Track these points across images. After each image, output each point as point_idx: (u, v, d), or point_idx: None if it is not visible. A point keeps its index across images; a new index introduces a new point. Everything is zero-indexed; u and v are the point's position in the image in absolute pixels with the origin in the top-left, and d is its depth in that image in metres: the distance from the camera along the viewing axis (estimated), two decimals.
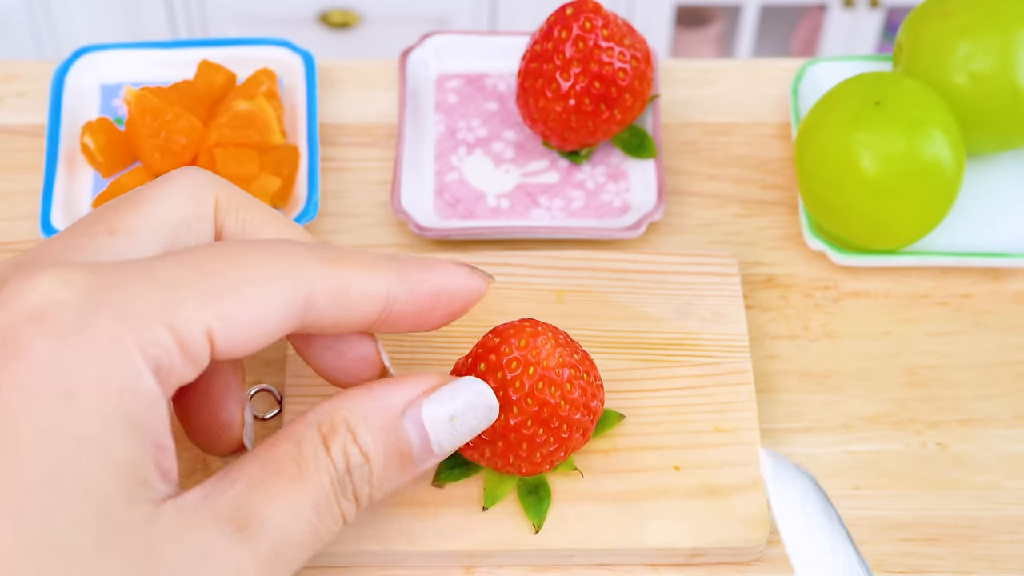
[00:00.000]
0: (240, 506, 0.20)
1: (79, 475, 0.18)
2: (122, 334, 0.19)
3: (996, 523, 0.28)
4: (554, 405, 0.24)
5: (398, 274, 0.22)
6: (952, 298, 0.32)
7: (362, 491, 0.22)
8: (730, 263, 0.30)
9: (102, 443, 0.19)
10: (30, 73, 0.35)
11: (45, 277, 0.19)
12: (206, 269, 0.20)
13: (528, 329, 0.25)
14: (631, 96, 0.31)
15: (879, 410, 0.30)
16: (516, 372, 0.24)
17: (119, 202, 0.22)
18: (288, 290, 0.21)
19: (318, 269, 0.21)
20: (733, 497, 0.27)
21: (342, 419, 0.21)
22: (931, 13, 0.32)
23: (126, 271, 0.20)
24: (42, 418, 0.18)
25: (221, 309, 0.20)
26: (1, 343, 0.18)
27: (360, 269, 0.22)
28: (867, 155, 0.29)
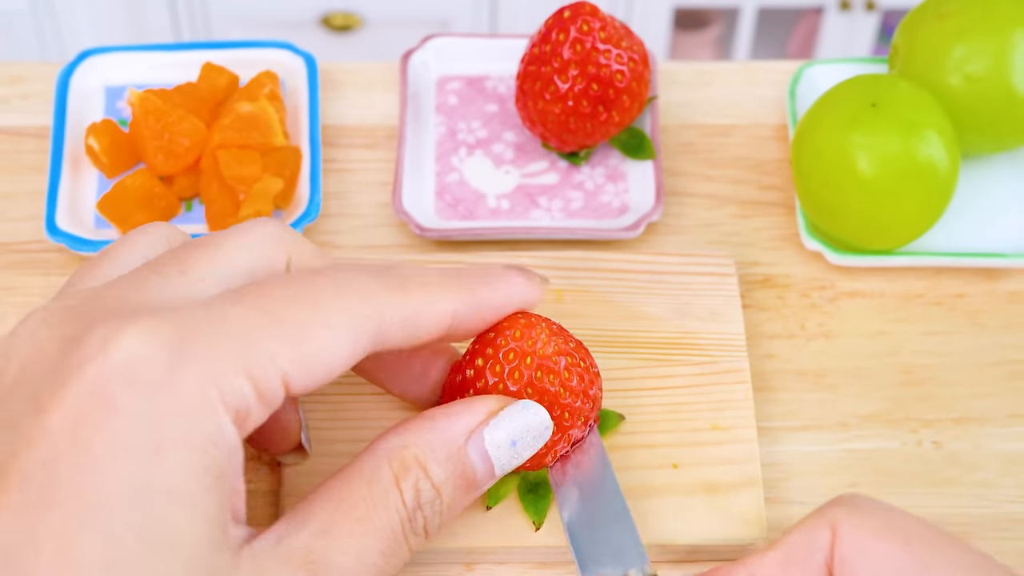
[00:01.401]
0: (311, 551, 0.20)
1: (169, 530, 0.19)
2: (206, 387, 0.19)
3: (991, 520, 0.28)
4: (554, 393, 0.24)
5: (463, 296, 0.23)
6: (947, 298, 0.32)
7: (433, 524, 0.22)
8: (727, 263, 0.31)
9: (191, 497, 0.19)
10: (35, 75, 0.35)
11: (129, 331, 0.19)
12: (280, 314, 0.20)
13: (522, 320, 0.25)
14: (629, 98, 0.32)
15: (875, 409, 0.30)
16: (513, 363, 0.24)
17: (194, 245, 0.22)
18: (359, 328, 0.21)
19: (387, 299, 0.21)
20: (731, 494, 0.27)
21: (412, 456, 0.22)
22: (927, 16, 0.32)
23: (203, 320, 0.20)
24: (133, 474, 0.18)
25: (296, 355, 0.20)
26: (91, 399, 0.19)
27: (427, 295, 0.22)
28: (863, 156, 0.30)
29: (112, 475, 0.18)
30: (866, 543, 0.21)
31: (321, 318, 0.21)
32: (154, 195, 0.32)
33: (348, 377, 0.28)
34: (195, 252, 0.22)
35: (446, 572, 0.26)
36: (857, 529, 0.21)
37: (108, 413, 0.19)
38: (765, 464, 0.29)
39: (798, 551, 0.21)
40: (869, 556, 0.21)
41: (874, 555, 0.21)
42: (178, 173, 0.33)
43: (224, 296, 0.21)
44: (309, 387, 0.21)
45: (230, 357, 0.20)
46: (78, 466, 0.18)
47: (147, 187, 0.32)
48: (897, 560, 0.21)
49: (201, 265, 0.21)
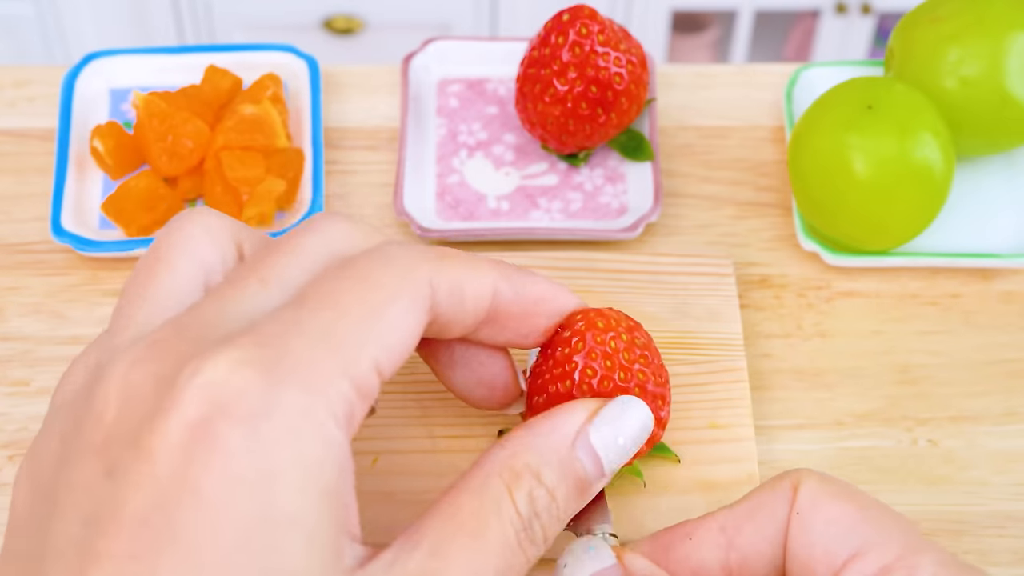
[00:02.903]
0: (425, 571, 0.20)
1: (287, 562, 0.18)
2: (310, 404, 0.19)
3: (985, 518, 0.28)
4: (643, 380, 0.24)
5: (503, 274, 0.23)
6: (942, 298, 0.32)
7: (550, 531, 0.22)
8: (725, 264, 0.31)
9: (307, 523, 0.18)
10: (40, 78, 0.36)
11: (218, 362, 0.18)
12: (348, 304, 0.20)
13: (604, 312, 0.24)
14: (627, 100, 0.32)
15: (871, 407, 0.30)
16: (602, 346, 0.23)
17: (268, 249, 0.21)
18: (416, 295, 0.21)
19: (434, 266, 0.21)
20: (728, 492, 0.27)
21: (523, 464, 0.21)
22: (922, 19, 0.32)
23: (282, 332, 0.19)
24: (245, 508, 0.18)
25: (377, 339, 0.20)
26: (192, 439, 0.18)
27: (469, 265, 0.22)
28: (859, 158, 0.30)
29: (224, 512, 0.18)
30: (823, 501, 0.21)
31: (384, 294, 0.20)
32: (158, 196, 0.32)
33: None
34: (272, 258, 0.21)
35: None
36: (816, 489, 0.22)
37: (213, 450, 0.18)
38: (762, 462, 0.29)
39: (763, 505, 0.22)
40: (824, 511, 0.21)
41: (828, 511, 0.21)
42: (182, 175, 0.33)
43: (291, 303, 0.20)
44: (396, 367, 0.20)
45: (324, 364, 0.19)
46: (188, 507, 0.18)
47: (151, 188, 0.32)
48: (849, 519, 0.21)
49: (280, 271, 0.21)
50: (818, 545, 0.21)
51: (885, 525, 0.21)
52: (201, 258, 0.21)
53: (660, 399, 0.24)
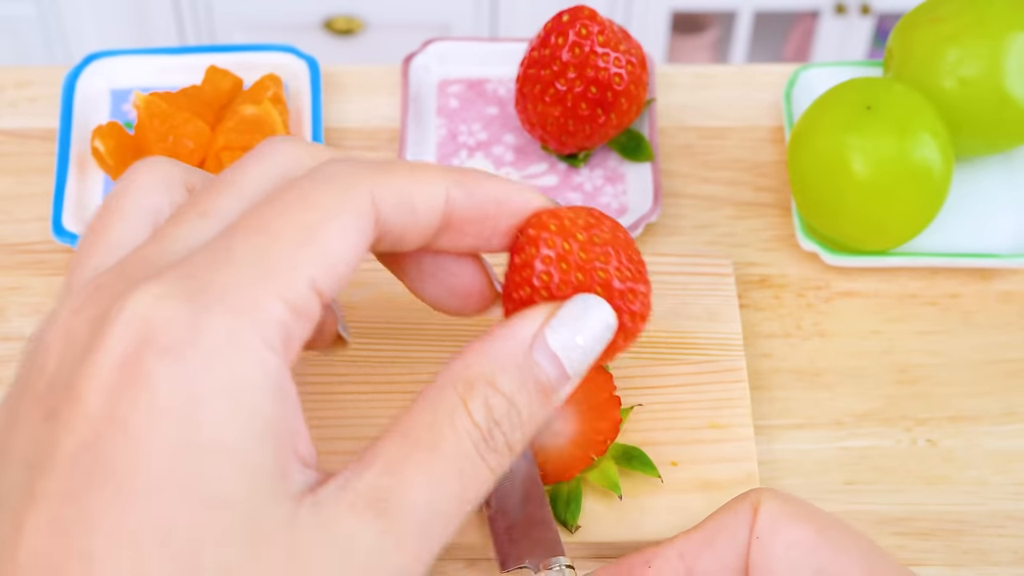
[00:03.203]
0: (378, 488, 0.19)
1: (221, 488, 0.18)
2: (237, 328, 0.18)
3: (985, 517, 0.28)
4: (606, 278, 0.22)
5: (454, 179, 0.22)
6: (941, 298, 0.32)
7: (514, 438, 0.21)
8: (725, 264, 0.31)
9: (240, 450, 0.18)
10: (42, 78, 0.36)
11: (139, 296, 0.18)
12: (280, 228, 0.19)
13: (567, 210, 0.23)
14: (627, 100, 0.32)
15: (870, 407, 0.30)
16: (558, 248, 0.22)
17: (210, 183, 0.21)
18: (357, 209, 0.20)
19: (375, 179, 0.21)
20: (728, 491, 0.27)
21: (477, 373, 0.20)
22: (921, 20, 0.32)
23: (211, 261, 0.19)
24: (175, 439, 0.18)
25: (314, 258, 0.19)
26: (121, 374, 0.18)
27: (414, 173, 0.21)
28: (858, 158, 0.30)
29: (150, 443, 0.18)
30: (782, 523, 0.21)
31: (320, 213, 0.20)
32: None
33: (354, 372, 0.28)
34: (213, 190, 0.20)
35: (446, 569, 0.27)
36: (776, 511, 0.21)
37: (140, 383, 0.18)
38: (761, 462, 0.29)
39: (722, 529, 0.22)
40: (784, 535, 0.21)
41: (788, 534, 0.21)
42: None
43: (223, 233, 0.20)
44: (340, 285, 0.20)
45: (251, 287, 0.19)
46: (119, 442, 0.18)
47: None
48: (810, 543, 0.21)
49: (221, 202, 0.20)
50: (779, 571, 0.21)
51: (846, 547, 0.21)
52: (150, 203, 0.21)
53: (630, 294, 0.23)
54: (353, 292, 0.28)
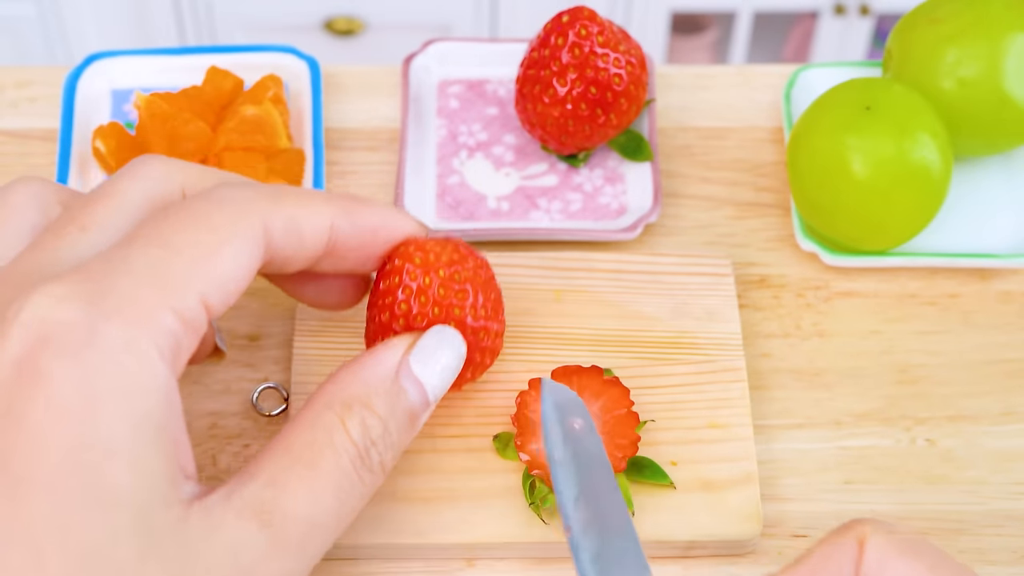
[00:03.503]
0: (262, 501, 0.20)
1: (115, 487, 0.18)
2: (134, 335, 0.19)
3: (983, 517, 0.28)
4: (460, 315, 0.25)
5: (340, 208, 0.23)
6: (940, 298, 0.32)
7: (387, 458, 0.22)
8: (724, 264, 0.31)
9: (131, 449, 0.19)
10: (43, 79, 0.36)
11: (39, 299, 0.19)
12: (177, 243, 0.21)
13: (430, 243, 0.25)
14: (627, 101, 0.32)
15: (869, 407, 0.30)
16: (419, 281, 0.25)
17: (87, 198, 0.22)
18: (250, 234, 0.22)
19: (268, 207, 0.22)
20: (727, 491, 0.27)
21: (353, 395, 0.22)
22: (920, 20, 0.32)
23: (110, 270, 0.20)
24: (71, 437, 0.18)
25: (206, 276, 0.21)
26: (19, 373, 0.19)
27: (304, 202, 0.23)
28: (858, 159, 0.30)
29: (50, 441, 0.18)
30: (891, 560, 0.20)
31: (215, 235, 0.21)
32: None
33: None
34: (91, 206, 0.22)
35: (447, 567, 0.27)
36: (884, 546, 0.20)
37: (38, 382, 0.18)
38: (761, 461, 0.29)
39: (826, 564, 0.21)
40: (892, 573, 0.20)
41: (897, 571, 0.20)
42: None
43: (120, 243, 0.21)
44: (227, 303, 0.21)
45: (147, 297, 0.20)
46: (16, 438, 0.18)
47: None
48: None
49: (99, 214, 0.21)
50: None
51: None
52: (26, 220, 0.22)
53: (483, 331, 0.25)
54: None
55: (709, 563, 0.27)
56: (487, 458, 0.27)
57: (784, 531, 0.28)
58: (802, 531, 0.28)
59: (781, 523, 0.28)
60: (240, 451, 0.28)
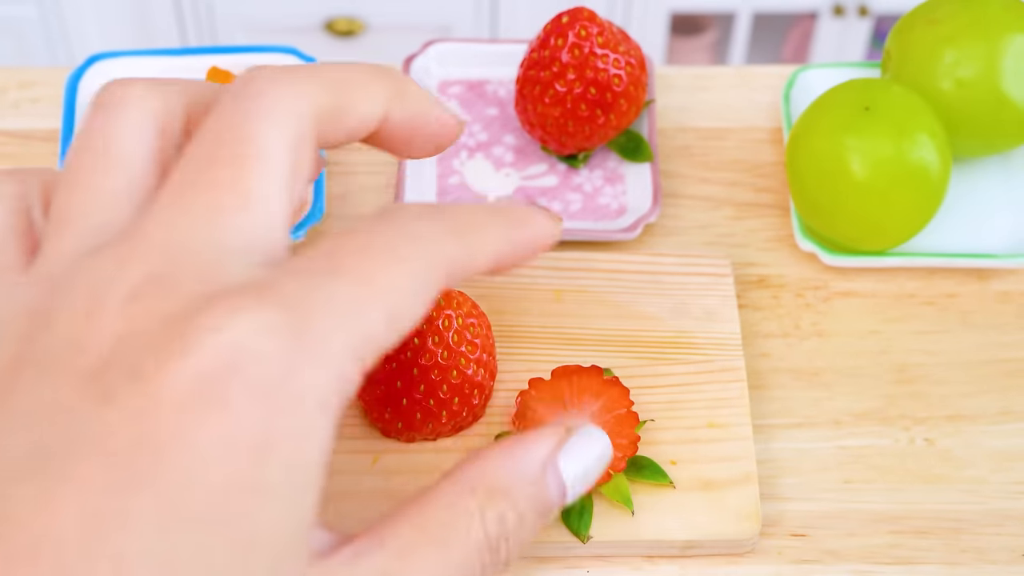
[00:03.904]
0: (387, 571, 0.20)
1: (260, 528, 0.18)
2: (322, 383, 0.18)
3: (982, 516, 0.28)
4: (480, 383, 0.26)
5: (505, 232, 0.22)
6: (939, 298, 0.32)
7: (513, 552, 0.22)
8: (723, 264, 0.31)
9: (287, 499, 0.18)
10: (44, 79, 0.36)
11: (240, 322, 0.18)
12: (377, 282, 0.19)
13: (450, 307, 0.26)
14: (626, 101, 0.32)
15: (868, 406, 0.30)
16: None
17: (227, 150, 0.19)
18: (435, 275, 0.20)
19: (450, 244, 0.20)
20: (726, 490, 0.27)
21: (497, 486, 0.22)
22: (918, 22, 0.32)
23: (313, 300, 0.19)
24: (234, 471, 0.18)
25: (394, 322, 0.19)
26: (203, 392, 0.18)
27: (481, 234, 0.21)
28: (856, 159, 0.30)
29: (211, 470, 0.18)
30: None
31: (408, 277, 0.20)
32: None
33: None
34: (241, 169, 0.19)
35: None
36: None
37: (218, 408, 0.18)
38: (760, 461, 0.29)
39: None
40: None
41: None
42: None
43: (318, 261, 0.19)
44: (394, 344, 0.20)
45: (345, 344, 0.19)
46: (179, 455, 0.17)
47: None
48: None
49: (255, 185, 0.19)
50: None
51: None
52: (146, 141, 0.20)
53: (477, 388, 0.27)
54: None
55: (708, 562, 0.27)
56: None
57: (783, 530, 0.28)
58: (801, 530, 0.28)
59: (780, 522, 0.28)
60: None
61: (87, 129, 0.20)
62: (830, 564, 0.27)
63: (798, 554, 0.28)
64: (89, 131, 0.20)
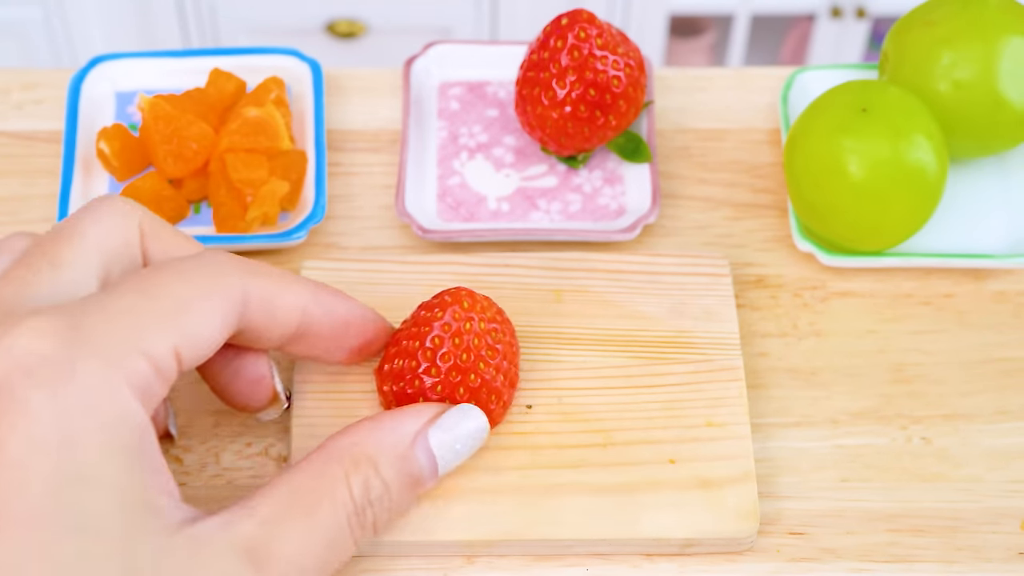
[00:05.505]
0: (255, 537, 0.21)
1: (95, 517, 0.19)
2: (109, 373, 0.20)
3: (979, 514, 0.28)
4: (488, 379, 0.26)
5: (313, 293, 0.24)
6: (935, 298, 0.32)
7: (381, 519, 0.23)
8: (722, 264, 0.31)
9: (108, 479, 0.19)
10: (48, 81, 0.36)
11: (21, 331, 0.20)
12: (156, 294, 0.22)
13: (465, 298, 0.26)
14: (625, 102, 0.32)
15: (865, 405, 0.30)
16: (450, 340, 0.26)
17: (53, 235, 0.23)
18: (228, 297, 0.22)
19: (246, 278, 0.23)
20: (725, 489, 0.27)
21: (363, 453, 0.23)
22: (915, 23, 0.33)
23: (90, 310, 0.21)
24: (51, 468, 0.19)
25: (180, 328, 0.21)
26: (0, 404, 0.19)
27: (281, 282, 0.24)
28: (854, 160, 0.30)
29: (29, 471, 0.19)
30: None
31: (196, 291, 0.22)
32: (163, 198, 0.33)
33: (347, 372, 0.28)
34: (58, 240, 0.23)
35: (446, 565, 0.27)
36: None
37: (17, 412, 0.19)
38: (758, 460, 0.29)
39: None
40: None
41: None
42: (187, 176, 0.33)
43: (105, 289, 0.22)
44: (196, 360, 0.22)
45: (124, 340, 0.20)
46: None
47: (156, 190, 0.33)
48: None
49: (66, 252, 0.22)
50: None
51: None
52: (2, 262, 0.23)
53: (495, 394, 0.26)
54: None
55: (707, 561, 0.27)
56: (487, 455, 0.27)
57: (781, 529, 0.28)
58: (799, 529, 0.28)
59: (778, 521, 0.28)
60: (242, 449, 0.28)
61: None
62: (828, 562, 0.28)
63: (796, 552, 0.28)
64: None
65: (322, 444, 0.23)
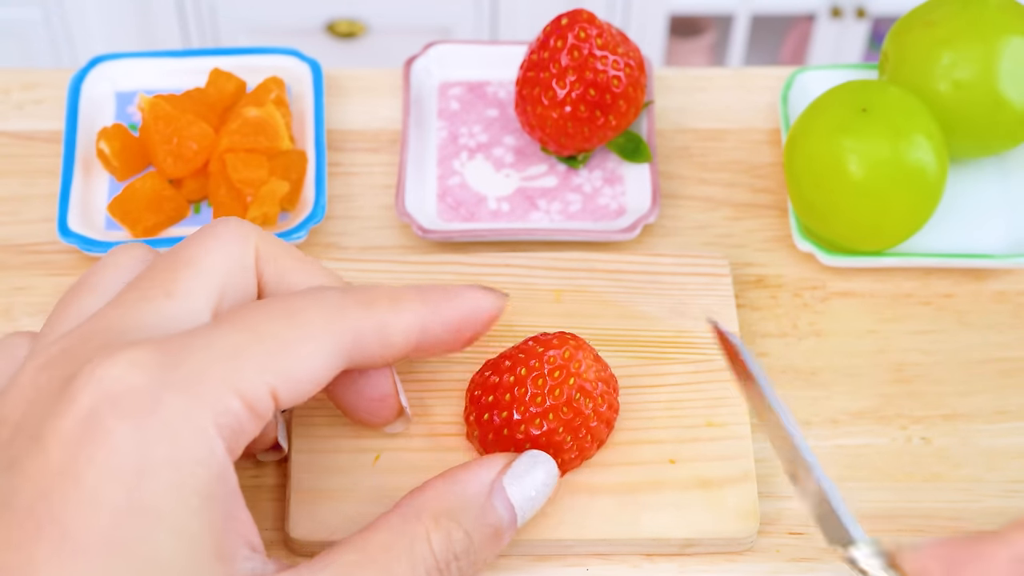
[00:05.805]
0: None
1: (158, 553, 0.19)
2: (194, 410, 0.20)
3: (978, 514, 0.28)
4: (586, 416, 0.26)
5: (428, 307, 0.24)
6: (935, 298, 0.32)
7: (467, 572, 0.23)
8: (722, 264, 0.31)
9: (176, 517, 0.19)
10: (48, 81, 0.36)
11: (117, 361, 0.20)
12: (261, 332, 0.21)
13: (571, 341, 0.26)
14: (625, 102, 0.32)
15: (865, 405, 0.30)
16: (557, 379, 0.26)
17: (169, 262, 0.23)
18: (336, 339, 0.22)
19: (358, 314, 0.22)
20: (725, 489, 0.27)
21: (442, 508, 0.23)
22: (915, 24, 0.33)
23: (189, 345, 0.20)
24: (119, 497, 0.19)
25: (281, 368, 0.21)
26: (83, 430, 0.19)
27: (394, 306, 0.23)
28: (854, 160, 0.30)
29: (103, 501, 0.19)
30: None
31: (302, 332, 0.21)
32: (163, 198, 0.33)
33: None
34: (173, 268, 0.22)
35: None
36: None
37: (98, 441, 0.19)
38: (758, 460, 0.29)
39: None
40: None
41: None
42: (187, 176, 0.33)
43: (211, 324, 0.21)
44: (297, 399, 0.22)
45: (218, 378, 0.20)
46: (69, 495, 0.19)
47: (156, 190, 0.33)
48: None
49: (182, 282, 0.22)
50: None
51: None
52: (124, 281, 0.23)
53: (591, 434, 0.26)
54: None
55: (707, 560, 0.27)
56: None
57: (781, 528, 0.28)
58: (799, 529, 0.28)
59: (778, 520, 0.28)
60: None
61: None
62: (828, 562, 0.28)
63: (796, 552, 0.28)
64: None
65: (398, 503, 0.23)
